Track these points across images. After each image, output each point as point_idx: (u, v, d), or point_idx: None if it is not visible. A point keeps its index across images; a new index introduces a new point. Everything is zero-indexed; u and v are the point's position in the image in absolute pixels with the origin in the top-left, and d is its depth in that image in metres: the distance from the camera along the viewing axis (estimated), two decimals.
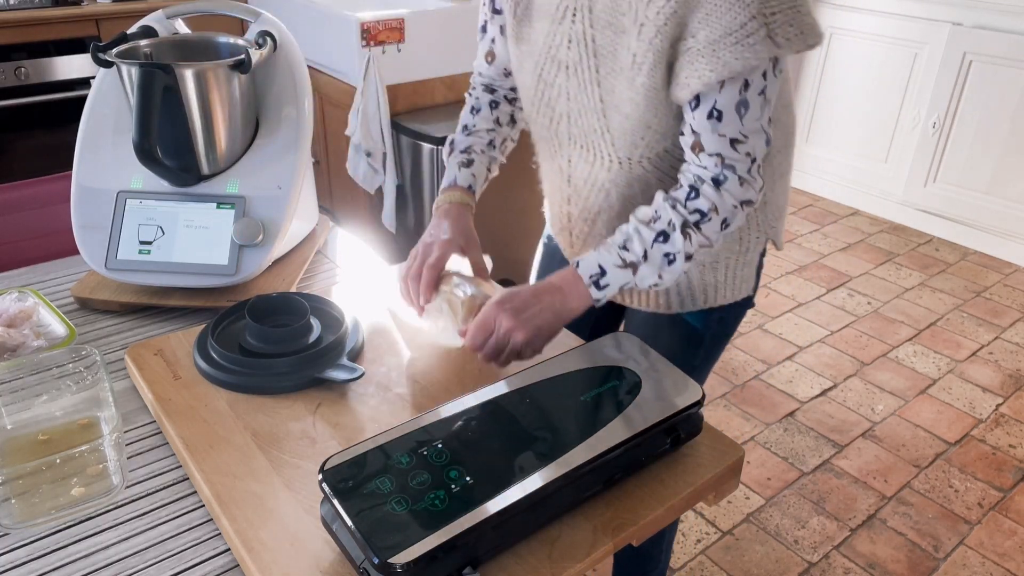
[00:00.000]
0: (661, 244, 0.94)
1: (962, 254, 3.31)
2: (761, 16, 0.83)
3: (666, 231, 0.94)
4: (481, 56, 1.18)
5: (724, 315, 1.17)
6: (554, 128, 1.08)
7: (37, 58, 2.52)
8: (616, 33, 0.94)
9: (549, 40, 1.01)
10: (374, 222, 2.52)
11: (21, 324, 0.98)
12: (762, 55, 0.85)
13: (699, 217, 0.94)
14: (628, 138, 0.99)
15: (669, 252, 0.94)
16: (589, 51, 0.97)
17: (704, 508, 1.95)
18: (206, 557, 0.73)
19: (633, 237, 0.94)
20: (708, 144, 0.92)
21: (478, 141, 1.16)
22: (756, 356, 2.58)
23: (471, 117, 1.18)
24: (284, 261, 1.21)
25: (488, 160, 1.16)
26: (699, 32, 0.85)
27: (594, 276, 0.94)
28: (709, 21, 0.84)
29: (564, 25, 0.99)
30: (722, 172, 0.93)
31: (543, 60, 1.03)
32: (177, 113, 1.07)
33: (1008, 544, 1.89)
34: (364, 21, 2.20)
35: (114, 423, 0.79)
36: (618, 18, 0.92)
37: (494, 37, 1.15)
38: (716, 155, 0.92)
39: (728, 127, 0.90)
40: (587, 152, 1.06)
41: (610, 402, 0.82)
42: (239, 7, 1.20)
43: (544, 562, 0.70)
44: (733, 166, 0.92)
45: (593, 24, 0.95)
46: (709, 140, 0.92)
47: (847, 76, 3.59)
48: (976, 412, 2.35)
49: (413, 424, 0.77)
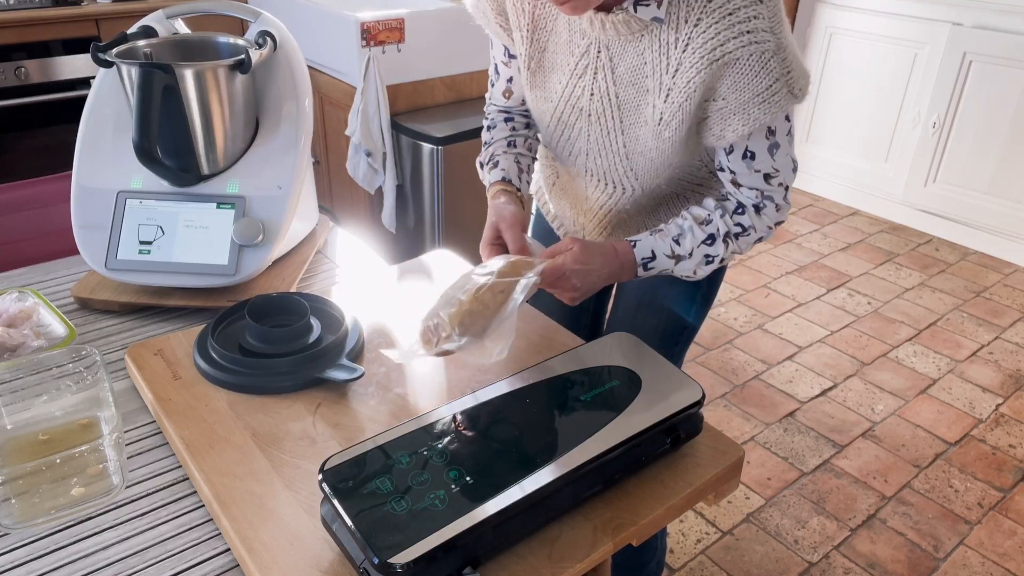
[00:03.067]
0: (707, 246, 1.03)
1: (962, 254, 3.31)
2: (784, 76, 0.91)
3: (714, 235, 1.03)
4: (498, 94, 1.20)
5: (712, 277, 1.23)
6: (572, 160, 1.13)
7: (37, 58, 2.52)
8: (640, 92, 0.99)
9: (568, 90, 1.05)
10: (374, 222, 2.52)
11: (21, 324, 0.98)
12: (785, 107, 0.93)
13: (740, 230, 1.04)
14: (650, 175, 1.07)
15: (710, 255, 1.04)
16: (612, 105, 1.03)
17: (704, 508, 1.95)
18: (206, 557, 0.73)
19: (687, 234, 1.03)
20: (745, 180, 1.02)
21: (498, 147, 1.18)
22: (756, 356, 2.58)
23: (488, 133, 1.21)
24: (284, 261, 1.21)
25: (515, 156, 1.17)
26: (729, 96, 0.93)
27: (646, 259, 1.03)
28: (738, 87, 0.92)
29: (585, 79, 1.03)
30: (762, 201, 1.03)
31: (562, 106, 1.07)
32: (177, 113, 1.07)
33: (1008, 544, 1.89)
34: (364, 21, 2.20)
35: (114, 423, 0.79)
36: (641, 79, 0.98)
37: (510, 77, 1.17)
38: (754, 189, 1.02)
39: (762, 164, 1.00)
40: (605, 184, 1.12)
41: (610, 402, 0.82)
42: (239, 7, 1.20)
43: (544, 562, 0.70)
44: (772, 196, 1.03)
45: (616, 82, 1.01)
46: (746, 177, 1.01)
47: (847, 76, 3.59)
48: (976, 412, 2.35)
49: (413, 424, 0.77)
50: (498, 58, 1.16)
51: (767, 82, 0.90)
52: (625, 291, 1.27)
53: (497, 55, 1.16)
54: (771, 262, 3.20)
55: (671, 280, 1.20)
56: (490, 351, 0.88)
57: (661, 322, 1.23)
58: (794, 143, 1.01)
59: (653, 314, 1.23)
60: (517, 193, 1.12)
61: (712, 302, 1.27)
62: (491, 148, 1.18)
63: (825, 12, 3.57)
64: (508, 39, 1.09)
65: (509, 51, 1.12)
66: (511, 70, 1.16)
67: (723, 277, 1.26)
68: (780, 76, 0.91)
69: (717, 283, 1.25)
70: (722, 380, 2.46)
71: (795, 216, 3.62)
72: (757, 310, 2.85)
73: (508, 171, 1.13)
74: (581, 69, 1.02)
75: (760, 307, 2.88)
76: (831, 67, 3.63)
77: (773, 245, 3.33)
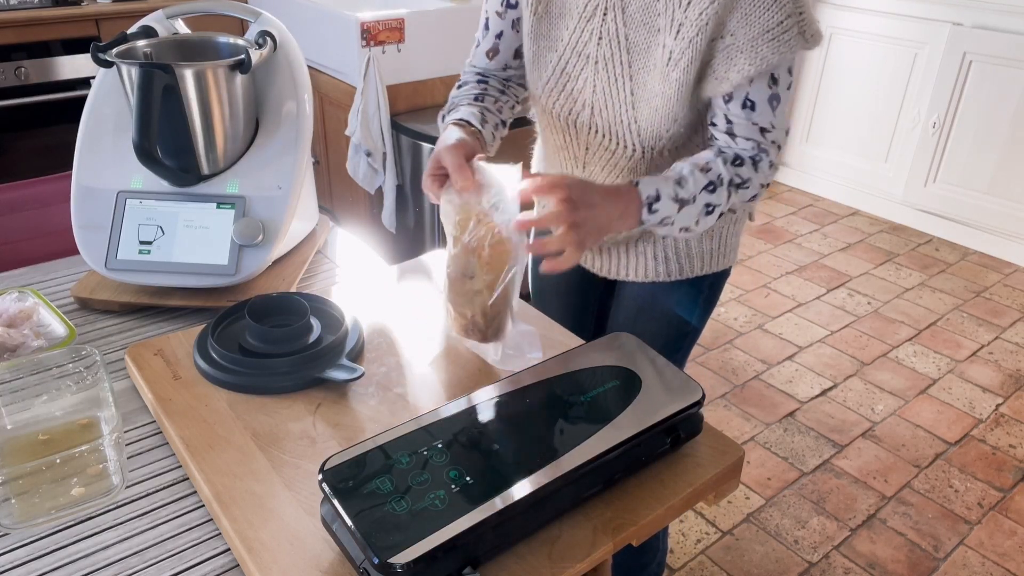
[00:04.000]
0: (709, 193, 0.97)
1: (962, 254, 3.31)
2: (796, 14, 0.90)
3: (715, 183, 0.97)
4: (481, 53, 1.17)
5: (714, 281, 1.22)
6: (573, 118, 1.09)
7: (37, 58, 2.52)
8: (651, 32, 0.97)
9: (576, 36, 1.03)
10: (374, 222, 2.52)
11: (21, 324, 0.98)
12: (795, 49, 0.92)
13: (740, 181, 0.99)
14: (654, 130, 1.03)
15: (711, 203, 0.98)
16: (622, 47, 1.00)
17: (704, 508, 1.95)
18: (206, 557, 0.73)
19: (688, 178, 0.96)
20: (742, 131, 0.99)
21: (463, 99, 1.12)
22: (756, 356, 2.58)
23: (456, 91, 1.15)
24: (284, 261, 1.21)
25: (480, 108, 1.10)
26: (738, 31, 0.91)
27: (650, 199, 0.94)
28: (748, 20, 0.90)
29: (594, 22, 1.01)
30: (758, 154, 1.00)
31: (567, 54, 1.05)
32: (177, 113, 1.07)
33: (1008, 544, 1.89)
34: (364, 21, 2.20)
35: (114, 423, 0.79)
36: (653, 18, 0.96)
37: (500, 31, 1.13)
38: (751, 140, 1.00)
39: (761, 116, 0.98)
40: (609, 141, 1.08)
41: (610, 402, 0.82)
42: (239, 7, 1.20)
43: (544, 562, 0.70)
44: (767, 150, 1.00)
45: (626, 23, 0.99)
46: (743, 127, 0.99)
47: (847, 76, 3.59)
48: (976, 412, 2.35)
49: (413, 424, 0.77)
50: (492, 9, 1.12)
51: (779, 17, 0.89)
52: (625, 296, 1.26)
53: (492, 5, 1.12)
54: (771, 262, 3.20)
55: (671, 285, 1.20)
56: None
57: (662, 328, 1.22)
58: (791, 104, 1.00)
59: (654, 320, 1.22)
60: (471, 128, 1.03)
61: (714, 305, 1.26)
62: (455, 100, 1.13)
63: (825, 12, 3.57)
64: None
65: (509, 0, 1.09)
66: (504, 23, 1.12)
67: (726, 280, 1.25)
68: (792, 13, 0.90)
69: (720, 286, 1.24)
70: (722, 380, 2.46)
71: (795, 216, 3.62)
72: (757, 310, 2.86)
73: (467, 116, 1.06)
74: (590, 11, 1.00)
75: (760, 307, 2.88)
76: (831, 67, 3.63)
77: (773, 245, 3.33)
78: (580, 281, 1.32)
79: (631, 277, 1.21)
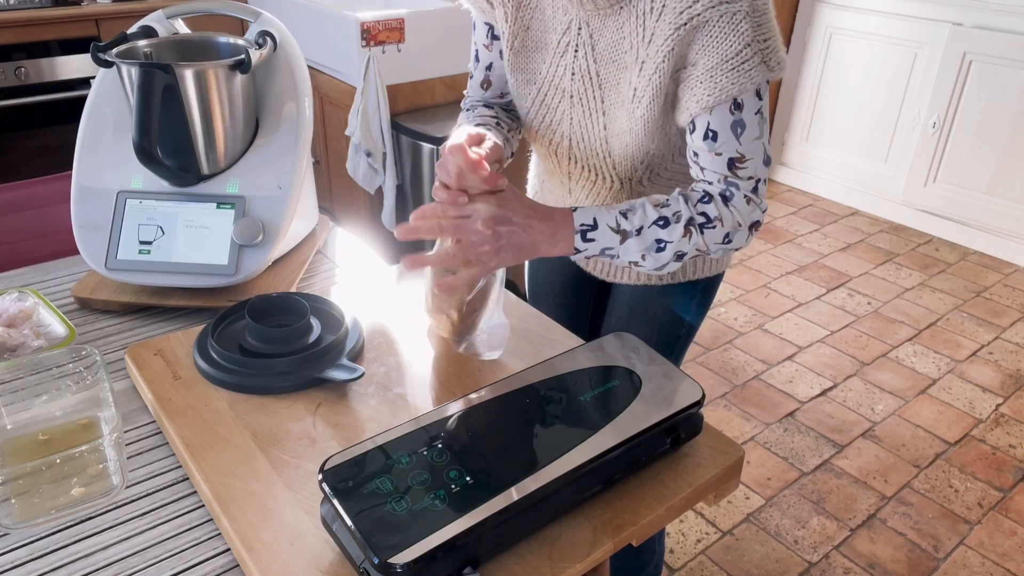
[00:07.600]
0: (659, 228, 0.93)
1: (962, 254, 3.31)
2: (757, 42, 0.87)
3: (668, 219, 0.93)
4: (476, 85, 1.17)
5: (707, 285, 1.22)
6: (555, 148, 1.11)
7: (37, 58, 2.52)
8: (619, 69, 0.97)
9: (552, 70, 1.03)
10: (374, 222, 2.52)
11: (21, 324, 0.98)
12: (756, 79, 0.89)
13: (704, 220, 0.94)
14: (629, 162, 1.03)
15: (662, 239, 0.94)
16: (594, 83, 1.00)
17: (704, 508, 1.95)
18: (206, 557, 0.73)
19: (637, 210, 0.94)
20: (707, 163, 0.95)
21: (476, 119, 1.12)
22: (756, 356, 2.58)
23: (464, 114, 1.16)
24: (284, 261, 1.21)
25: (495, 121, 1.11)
26: (698, 61, 0.89)
27: (585, 227, 0.92)
28: (707, 51, 0.88)
29: (567, 58, 1.01)
30: (727, 189, 0.95)
31: (546, 87, 1.05)
32: (177, 113, 1.07)
33: (1008, 544, 1.89)
34: (364, 21, 2.20)
35: (114, 423, 0.79)
36: (620, 55, 0.96)
37: (490, 63, 1.14)
38: (717, 173, 0.95)
39: (725, 146, 0.93)
40: (588, 172, 1.09)
41: (610, 402, 0.82)
42: (239, 7, 1.20)
43: (544, 562, 0.70)
44: (737, 184, 0.94)
45: (596, 60, 0.98)
46: (707, 159, 0.94)
47: (847, 76, 3.59)
48: (976, 412, 2.35)
49: (413, 424, 0.77)
50: (480, 42, 1.12)
51: (737, 46, 0.86)
52: (619, 298, 1.26)
53: (479, 38, 1.12)
54: (771, 262, 3.20)
55: (664, 288, 1.19)
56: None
57: (655, 330, 1.22)
58: (767, 131, 0.94)
59: (647, 322, 1.22)
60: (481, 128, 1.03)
61: (708, 308, 1.26)
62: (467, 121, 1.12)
63: (825, 12, 3.57)
64: (492, 16, 1.07)
65: (493, 31, 1.10)
66: (492, 54, 1.12)
67: (720, 283, 1.25)
68: (752, 41, 0.87)
69: (713, 289, 1.24)
70: (722, 380, 2.46)
71: (795, 216, 3.62)
72: (757, 310, 2.86)
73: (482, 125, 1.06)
74: (563, 47, 1.00)
75: (760, 307, 2.88)
76: (831, 67, 3.63)
77: (773, 245, 3.33)
78: (575, 281, 1.32)
79: (624, 280, 1.21)
